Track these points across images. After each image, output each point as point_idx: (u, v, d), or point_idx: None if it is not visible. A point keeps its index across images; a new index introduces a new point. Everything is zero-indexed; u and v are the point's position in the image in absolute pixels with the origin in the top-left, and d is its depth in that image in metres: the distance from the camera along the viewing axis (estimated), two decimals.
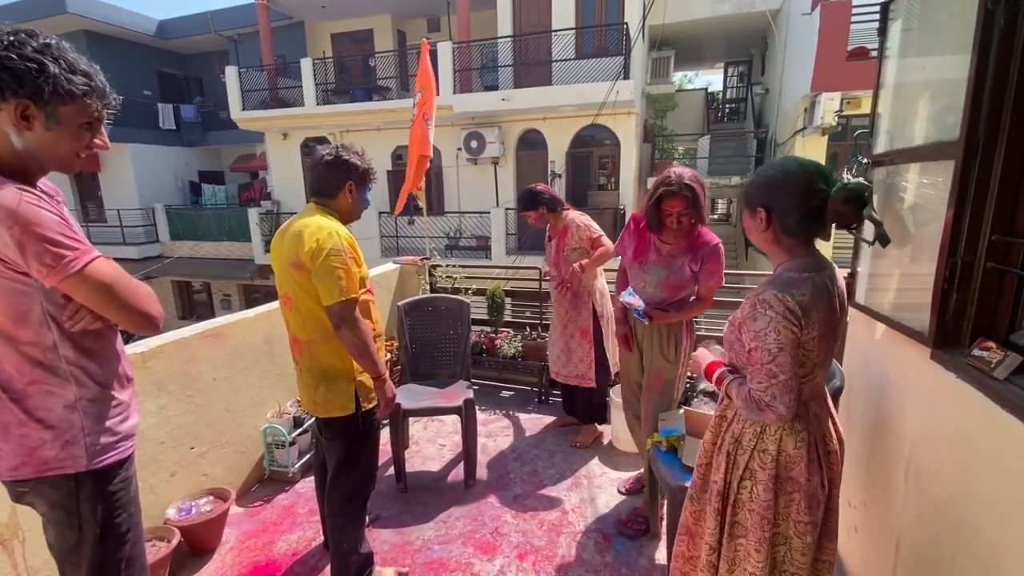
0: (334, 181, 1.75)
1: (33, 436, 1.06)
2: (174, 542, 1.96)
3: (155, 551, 1.90)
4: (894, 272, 1.68)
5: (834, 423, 1.35)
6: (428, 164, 3.98)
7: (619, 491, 2.58)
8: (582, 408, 3.07)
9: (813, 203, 1.20)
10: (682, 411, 1.97)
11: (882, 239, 1.59)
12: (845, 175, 1.76)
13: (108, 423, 1.15)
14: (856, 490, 1.87)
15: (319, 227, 1.64)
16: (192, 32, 14.56)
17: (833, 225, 1.26)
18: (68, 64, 1.01)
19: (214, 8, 14.10)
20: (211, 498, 2.25)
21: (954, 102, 1.30)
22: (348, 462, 1.82)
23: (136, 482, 1.25)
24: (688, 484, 1.55)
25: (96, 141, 1.12)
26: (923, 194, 1.54)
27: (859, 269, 1.91)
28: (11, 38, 0.96)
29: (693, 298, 2.17)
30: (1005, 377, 1.15)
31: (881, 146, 1.77)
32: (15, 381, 1.05)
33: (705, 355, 1.49)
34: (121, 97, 1.16)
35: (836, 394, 1.61)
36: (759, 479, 1.28)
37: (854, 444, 1.91)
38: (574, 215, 2.87)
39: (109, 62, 14.23)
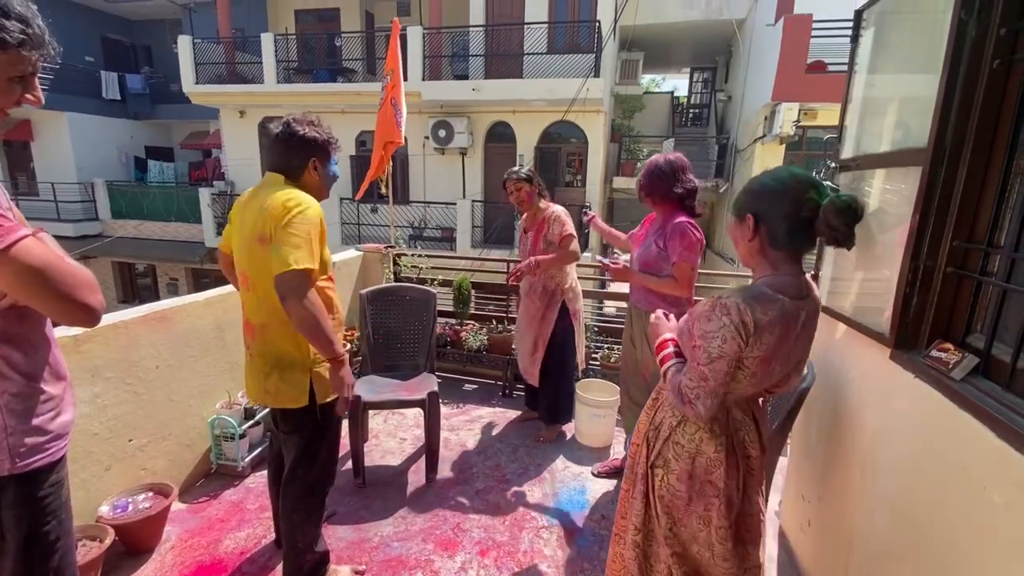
0: (296, 160, 1.61)
1: None
2: (107, 542, 1.81)
3: (85, 551, 1.74)
4: (855, 274, 1.73)
5: (759, 429, 1.32)
6: (393, 150, 3.83)
7: (593, 473, 2.67)
8: (545, 408, 3.00)
9: (804, 214, 1.15)
10: None
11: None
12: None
13: (35, 421, 1.01)
14: (811, 485, 1.93)
15: (288, 196, 1.50)
16: None
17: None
18: (1, 8, 0.86)
19: None
20: (151, 494, 2.09)
21: (923, 111, 1.34)
22: (305, 456, 1.71)
23: (68, 485, 1.12)
24: None
25: (28, 96, 0.96)
26: (887, 199, 1.59)
27: (822, 271, 1.97)
28: None
29: (666, 274, 2.18)
30: (962, 378, 1.19)
31: (848, 151, 1.82)
32: None
33: (666, 326, 1.43)
34: (60, 53, 1.00)
35: (802, 396, 1.64)
36: (671, 468, 1.30)
37: (810, 440, 1.98)
38: (556, 208, 2.79)
39: (47, 23, 13.02)
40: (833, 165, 1.83)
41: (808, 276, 1.26)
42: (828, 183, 1.67)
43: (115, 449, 2.07)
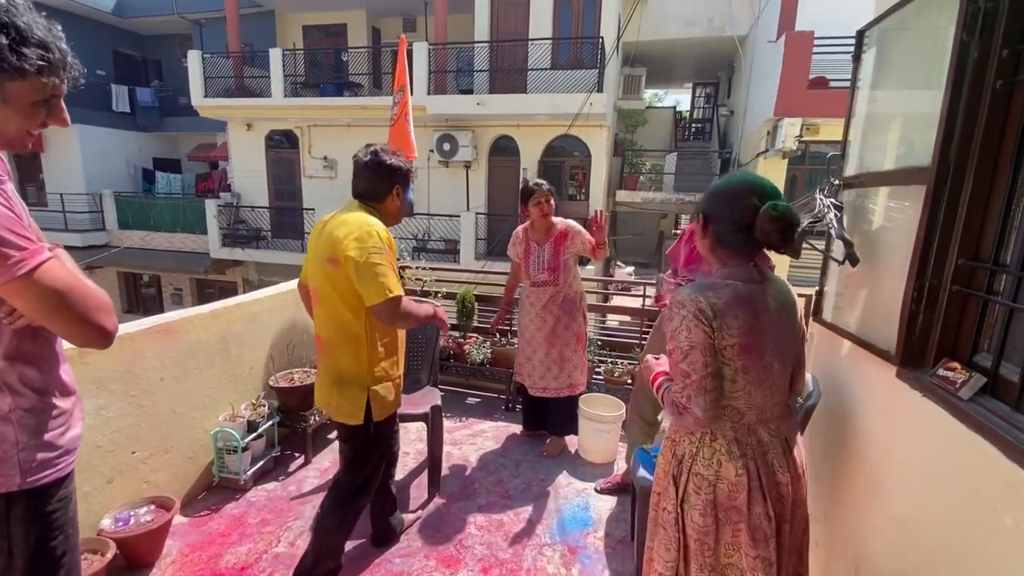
0: (382, 187, 1.75)
1: None
2: (108, 555, 1.80)
3: (87, 565, 1.73)
4: (860, 291, 1.73)
5: (791, 453, 1.29)
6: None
7: (596, 490, 2.64)
8: (559, 419, 3.00)
9: (745, 217, 1.19)
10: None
11: (852, 259, 1.64)
12: (818, 195, 1.81)
13: (47, 436, 1.01)
14: (818, 504, 1.91)
15: (358, 224, 1.62)
16: (153, 12, 13.85)
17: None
18: (19, 33, 0.84)
19: None
20: (152, 507, 2.08)
21: (926, 130, 1.35)
22: (352, 467, 1.82)
23: (75, 500, 1.12)
24: None
25: (53, 120, 0.97)
26: (892, 216, 1.59)
27: (827, 288, 1.97)
28: None
29: None
30: (970, 397, 1.18)
31: (851, 168, 1.82)
32: None
33: (655, 364, 1.43)
34: (84, 74, 1.01)
35: (808, 413, 1.64)
36: (693, 504, 1.26)
37: (816, 458, 1.95)
38: (569, 221, 2.85)
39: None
40: (837, 182, 1.84)
41: (762, 268, 1.30)
42: (820, 196, 1.69)
43: (118, 462, 2.07)
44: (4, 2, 0.84)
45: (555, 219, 2.83)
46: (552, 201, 2.79)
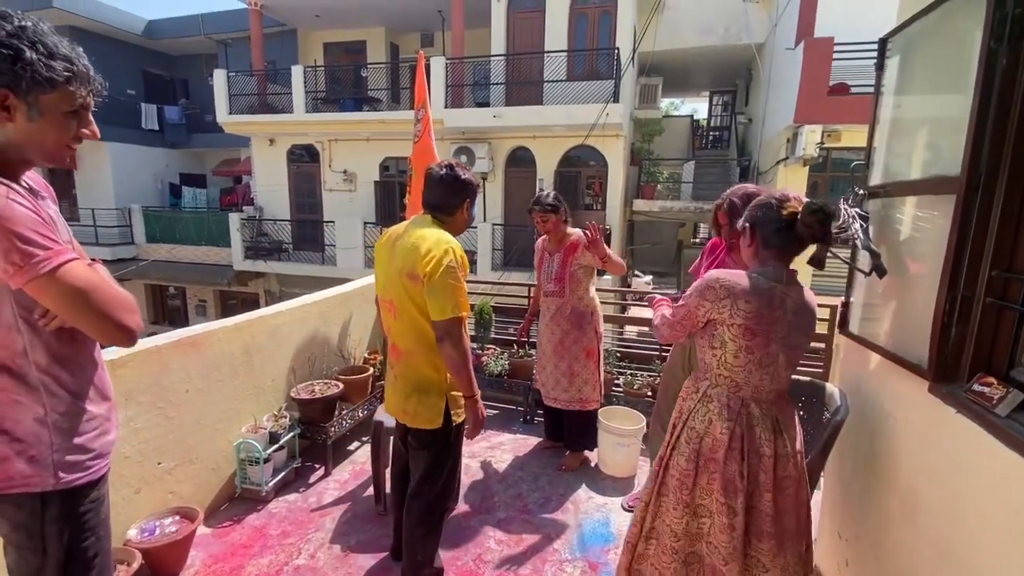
0: (454, 200, 1.79)
1: None
2: (135, 566, 1.83)
3: None
4: (889, 303, 1.68)
5: (781, 434, 1.45)
6: None
7: (624, 507, 2.58)
8: (573, 434, 2.97)
9: (787, 216, 1.41)
10: None
11: (879, 270, 1.60)
12: (842, 205, 1.78)
13: (80, 439, 1.06)
14: (848, 522, 1.85)
15: (437, 241, 1.65)
16: (181, 34, 14.39)
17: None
18: (47, 48, 0.93)
19: (205, 11, 13.98)
20: (177, 517, 2.11)
21: (954, 138, 1.32)
22: (431, 473, 1.83)
23: (108, 503, 1.16)
24: None
25: (84, 131, 1.04)
26: (920, 227, 1.56)
27: (852, 299, 1.92)
28: None
29: None
30: (1007, 414, 1.14)
31: (877, 178, 1.79)
32: None
33: (660, 300, 1.82)
34: (106, 87, 1.08)
35: (836, 428, 1.59)
36: (681, 451, 1.51)
37: (846, 475, 1.90)
38: (581, 232, 2.80)
39: (94, 59, 13.77)
40: (861, 192, 1.80)
41: (791, 274, 1.47)
42: (845, 205, 1.69)
43: (145, 472, 2.11)
44: (31, 23, 0.92)
45: (572, 230, 2.81)
46: (554, 218, 2.72)
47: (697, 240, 21.36)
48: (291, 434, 2.69)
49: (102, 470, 1.11)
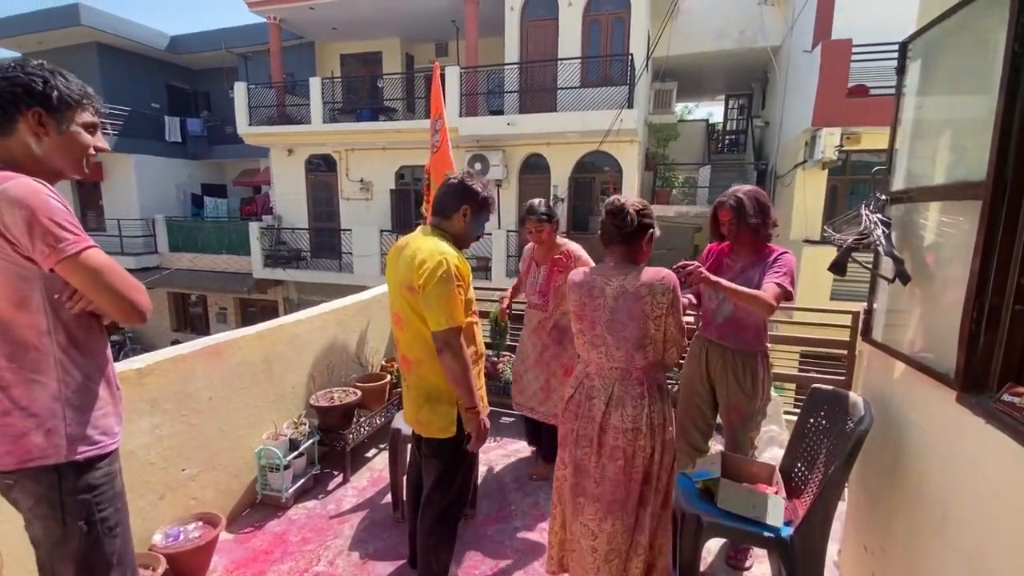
0: (451, 202, 1.81)
1: (17, 425, 1.10)
2: (159, 570, 1.86)
3: None
4: (914, 310, 1.65)
5: (616, 408, 1.62)
6: None
7: None
8: (549, 445, 2.88)
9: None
10: (717, 453, 1.92)
11: (902, 276, 1.57)
12: (863, 210, 1.75)
13: (88, 415, 1.18)
14: (874, 534, 1.81)
15: (430, 251, 1.67)
16: (203, 48, 14.78)
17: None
18: (64, 76, 1.16)
19: (226, 26, 14.35)
20: (200, 523, 2.15)
21: (978, 142, 1.29)
22: (443, 482, 1.84)
23: (121, 479, 1.27)
24: (712, 517, 1.72)
25: (98, 144, 1.23)
26: (945, 232, 1.53)
27: (875, 305, 1.89)
28: (10, 64, 1.12)
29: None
30: None
31: (899, 183, 1.76)
32: (2, 369, 1.09)
33: None
34: (128, 109, 1.31)
35: (860, 439, 1.56)
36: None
37: (871, 486, 1.86)
38: (573, 245, 2.71)
39: (120, 74, 14.50)
40: (884, 197, 1.77)
41: (627, 263, 1.67)
42: (866, 212, 1.66)
43: (169, 478, 2.16)
44: (44, 62, 1.17)
45: (562, 241, 2.71)
46: (548, 228, 2.62)
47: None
48: (310, 441, 2.72)
49: (110, 446, 1.22)
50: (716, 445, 2.72)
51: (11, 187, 1.05)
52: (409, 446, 2.16)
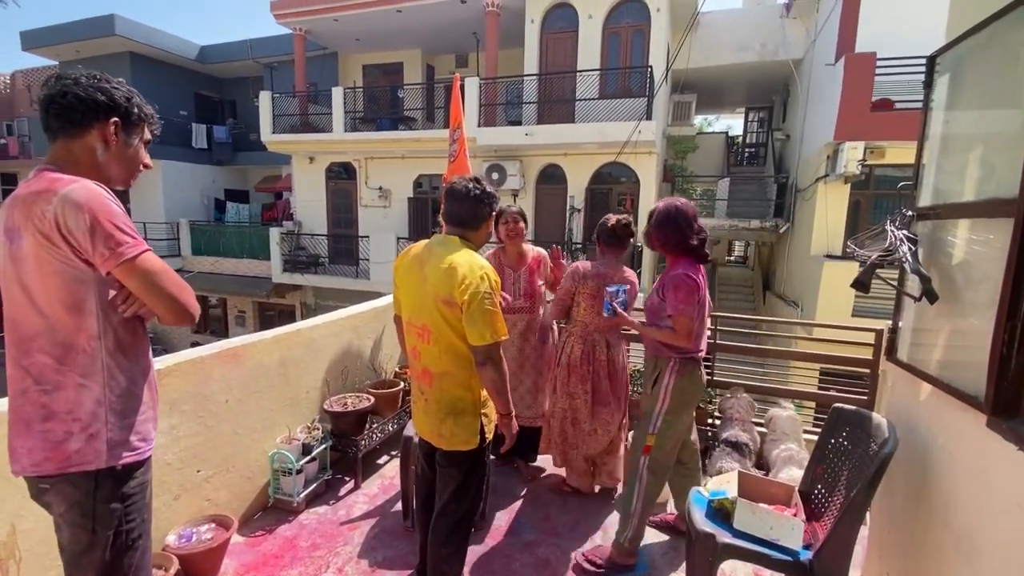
0: (482, 214, 1.80)
1: (58, 430, 1.11)
2: (172, 571, 1.88)
3: None
4: (942, 330, 1.60)
5: (609, 349, 2.64)
6: None
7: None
8: (527, 446, 2.92)
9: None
10: (735, 473, 1.88)
11: (930, 295, 1.53)
12: (888, 227, 1.71)
13: (130, 420, 1.19)
14: (897, 560, 1.74)
15: (471, 267, 1.66)
16: (231, 58, 15.21)
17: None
18: (139, 97, 1.25)
19: (254, 37, 14.74)
20: (213, 525, 2.17)
21: (1010, 158, 1.26)
22: (460, 492, 1.83)
23: (151, 489, 1.27)
24: (728, 538, 1.68)
25: (147, 162, 1.31)
26: (974, 250, 1.48)
27: (901, 324, 1.83)
28: (95, 75, 1.18)
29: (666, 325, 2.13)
30: None
31: (927, 199, 1.72)
32: (50, 372, 1.11)
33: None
34: (162, 121, 1.34)
35: (884, 462, 1.51)
36: (562, 364, 2.68)
37: (895, 511, 1.80)
38: (540, 249, 2.94)
39: (151, 82, 14.93)
40: (910, 214, 1.73)
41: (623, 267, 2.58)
42: (891, 228, 1.62)
43: (184, 479, 2.18)
44: (117, 80, 1.23)
45: (527, 245, 2.91)
46: (522, 225, 2.84)
47: (732, 258, 20.87)
48: (323, 446, 2.74)
49: (146, 452, 1.23)
50: (733, 464, 2.67)
51: (73, 191, 1.07)
52: (417, 457, 2.15)
